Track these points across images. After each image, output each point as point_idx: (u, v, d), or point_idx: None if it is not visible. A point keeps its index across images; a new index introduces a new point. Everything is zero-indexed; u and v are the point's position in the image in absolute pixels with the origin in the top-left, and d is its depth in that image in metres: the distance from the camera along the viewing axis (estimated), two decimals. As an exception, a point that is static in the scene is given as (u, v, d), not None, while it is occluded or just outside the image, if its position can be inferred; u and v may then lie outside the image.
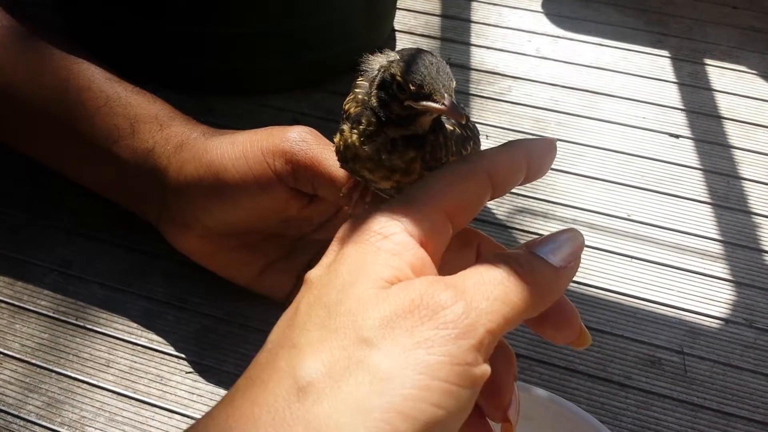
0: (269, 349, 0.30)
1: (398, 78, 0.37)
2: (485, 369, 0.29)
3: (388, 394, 0.27)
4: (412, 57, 0.37)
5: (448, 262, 0.33)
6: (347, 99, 0.41)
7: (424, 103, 0.36)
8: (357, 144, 0.39)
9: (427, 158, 0.39)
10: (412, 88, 0.36)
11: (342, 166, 0.42)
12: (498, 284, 0.30)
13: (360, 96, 0.40)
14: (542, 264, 0.32)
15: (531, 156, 0.35)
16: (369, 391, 0.27)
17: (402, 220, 0.31)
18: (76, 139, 0.55)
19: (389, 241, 0.31)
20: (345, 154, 0.41)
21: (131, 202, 0.56)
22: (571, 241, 0.33)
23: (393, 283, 0.30)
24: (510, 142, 0.36)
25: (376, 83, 0.38)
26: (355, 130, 0.40)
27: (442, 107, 0.35)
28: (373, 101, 0.39)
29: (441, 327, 0.28)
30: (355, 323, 0.29)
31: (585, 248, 0.58)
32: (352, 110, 0.41)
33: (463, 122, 0.37)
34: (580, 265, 0.57)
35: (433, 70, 0.36)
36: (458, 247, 0.35)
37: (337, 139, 0.42)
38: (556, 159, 0.67)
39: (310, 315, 0.30)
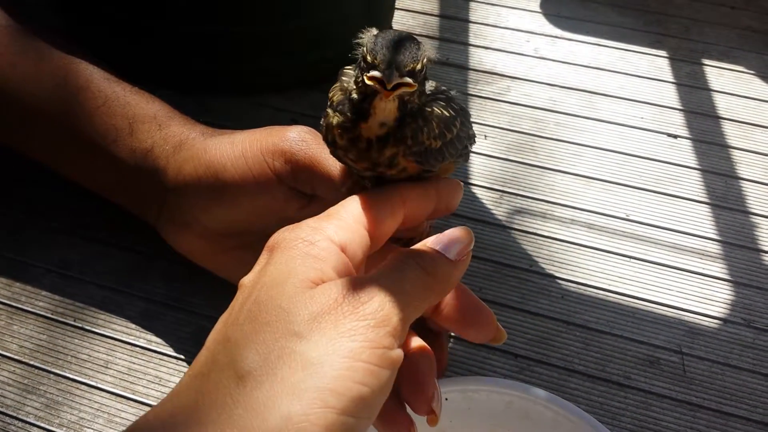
0: (208, 347, 0.34)
1: (363, 50, 0.37)
2: (400, 353, 0.34)
3: (318, 377, 0.31)
4: (384, 33, 0.37)
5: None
6: (333, 87, 0.42)
7: (371, 72, 0.36)
8: (336, 133, 0.40)
9: (410, 143, 0.39)
10: (369, 59, 0.36)
11: (331, 152, 0.42)
12: (407, 281, 0.35)
13: (345, 84, 0.40)
14: (442, 259, 0.37)
15: (440, 193, 0.42)
16: (302, 375, 0.31)
17: (326, 230, 0.36)
18: (75, 139, 0.55)
19: (315, 247, 0.35)
20: (326, 136, 0.41)
21: (130, 203, 0.56)
22: (463, 238, 0.39)
23: (318, 284, 0.34)
24: (424, 182, 0.41)
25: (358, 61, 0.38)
26: (337, 116, 0.40)
27: (373, 75, 0.35)
28: (352, 85, 0.39)
29: (361, 319, 0.33)
30: (286, 318, 0.33)
31: (584, 248, 0.59)
32: (335, 98, 0.41)
33: (389, 88, 0.36)
34: (578, 264, 0.58)
35: (391, 45, 0.36)
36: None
37: (321, 121, 0.42)
38: (554, 159, 0.67)
39: (242, 311, 0.34)
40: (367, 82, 0.36)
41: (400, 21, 0.81)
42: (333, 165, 0.46)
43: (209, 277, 0.54)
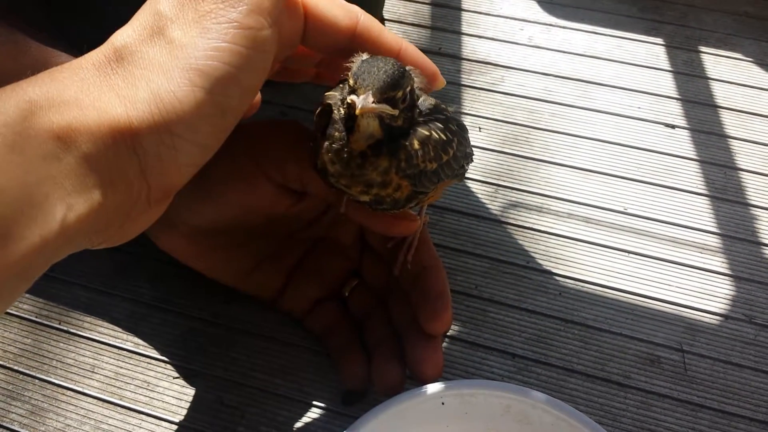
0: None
1: (349, 73, 0.38)
2: (268, 33, 0.35)
3: (184, 58, 0.33)
4: (372, 59, 0.38)
5: None
6: (317, 112, 0.41)
7: (350, 96, 0.37)
8: (327, 159, 0.39)
9: (403, 166, 0.39)
10: (351, 82, 0.37)
11: (321, 178, 0.42)
12: None
13: (331, 107, 0.40)
14: None
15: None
16: (169, 55, 0.33)
17: None
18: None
19: None
20: (316, 163, 0.41)
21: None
22: None
23: None
24: None
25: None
26: (326, 143, 0.39)
27: (352, 100, 0.36)
28: (338, 102, 0.40)
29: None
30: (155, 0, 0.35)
31: (581, 243, 0.58)
32: (323, 122, 0.40)
33: (357, 113, 0.37)
34: (576, 260, 0.56)
35: (373, 71, 0.37)
36: None
37: (311, 147, 0.41)
38: (550, 151, 0.66)
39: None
40: (348, 101, 0.37)
41: (392, 10, 0.79)
42: None
43: (197, 277, 0.52)
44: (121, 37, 0.35)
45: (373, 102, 0.36)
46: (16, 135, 0.29)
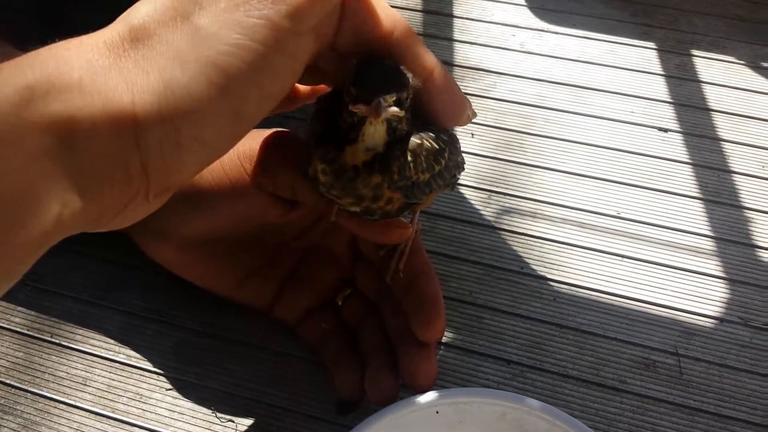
0: None
1: (349, 80, 0.36)
2: (305, 40, 0.32)
3: (205, 48, 0.30)
4: (364, 62, 0.37)
5: None
6: (311, 119, 0.41)
7: (356, 105, 0.35)
8: (319, 169, 0.39)
9: (396, 178, 0.38)
10: (353, 91, 0.36)
11: (312, 188, 0.41)
12: None
13: (323, 114, 0.40)
14: None
15: None
16: (189, 43, 0.30)
17: None
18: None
19: None
20: (307, 171, 0.40)
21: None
22: None
23: None
24: None
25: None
26: (320, 151, 0.39)
27: (361, 108, 0.35)
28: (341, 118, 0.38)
29: None
30: None
31: (575, 248, 0.57)
32: (317, 130, 0.40)
33: (376, 119, 0.36)
34: (570, 265, 0.56)
35: (377, 74, 0.36)
36: None
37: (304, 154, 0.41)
38: (543, 156, 0.66)
39: None
40: (354, 110, 0.35)
41: (383, 17, 0.79)
42: None
43: (189, 288, 0.52)
44: (140, 15, 0.31)
45: (386, 106, 0.35)
46: (13, 127, 0.27)
